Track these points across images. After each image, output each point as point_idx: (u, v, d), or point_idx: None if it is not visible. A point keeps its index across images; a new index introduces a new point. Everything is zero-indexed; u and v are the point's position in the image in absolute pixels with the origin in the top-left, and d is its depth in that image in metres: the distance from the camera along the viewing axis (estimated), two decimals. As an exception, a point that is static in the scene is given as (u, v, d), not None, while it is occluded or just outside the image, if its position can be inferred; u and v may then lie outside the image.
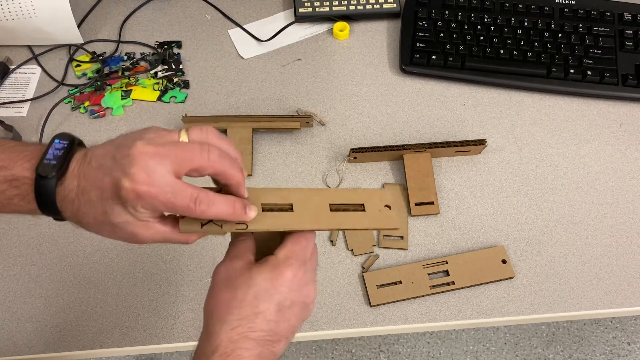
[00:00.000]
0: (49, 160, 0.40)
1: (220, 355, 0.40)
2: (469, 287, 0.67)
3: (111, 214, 0.39)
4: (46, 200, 0.40)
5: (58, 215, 0.42)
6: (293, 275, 0.42)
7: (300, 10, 0.86)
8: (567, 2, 0.85)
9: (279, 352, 0.43)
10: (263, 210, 0.44)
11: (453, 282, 0.66)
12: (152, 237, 0.41)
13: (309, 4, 0.87)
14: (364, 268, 0.68)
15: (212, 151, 0.40)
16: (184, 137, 0.41)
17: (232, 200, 0.41)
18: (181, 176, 0.40)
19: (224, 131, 0.75)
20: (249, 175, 0.74)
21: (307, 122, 0.76)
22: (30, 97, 0.80)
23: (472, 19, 0.84)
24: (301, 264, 0.43)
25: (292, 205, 0.45)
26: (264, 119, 0.75)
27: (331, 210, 0.46)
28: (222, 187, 0.44)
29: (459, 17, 0.84)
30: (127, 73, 0.82)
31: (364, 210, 0.47)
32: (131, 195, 0.38)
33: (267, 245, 0.46)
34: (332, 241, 0.69)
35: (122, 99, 0.80)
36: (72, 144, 0.42)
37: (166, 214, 0.42)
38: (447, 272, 0.67)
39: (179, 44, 0.86)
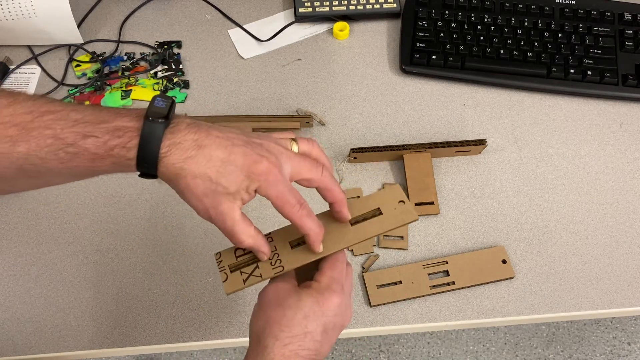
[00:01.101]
0: (158, 107, 0.42)
1: None
2: (469, 287, 0.67)
3: (223, 177, 0.42)
4: (151, 145, 0.41)
5: (153, 167, 0.41)
6: (340, 302, 0.46)
7: (300, 10, 0.86)
8: (567, 2, 0.85)
9: None
10: (292, 247, 0.48)
11: (453, 282, 0.66)
12: (227, 219, 0.43)
13: (309, 4, 0.87)
14: (364, 268, 0.68)
15: (325, 168, 0.47)
16: (294, 147, 0.47)
17: (319, 226, 0.46)
18: (292, 181, 0.45)
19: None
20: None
21: (307, 122, 0.76)
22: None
23: (472, 19, 0.84)
24: (342, 290, 0.47)
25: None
26: (264, 118, 0.75)
27: (352, 224, 0.49)
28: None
29: (459, 17, 0.84)
30: (127, 73, 0.82)
31: (381, 213, 0.49)
32: (263, 171, 0.42)
33: (304, 269, 0.48)
34: (332, 241, 0.69)
35: (122, 99, 0.80)
36: (174, 102, 0.43)
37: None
38: (447, 272, 0.67)
39: (179, 44, 0.86)
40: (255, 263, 0.48)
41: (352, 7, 0.87)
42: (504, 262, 0.68)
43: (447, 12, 0.84)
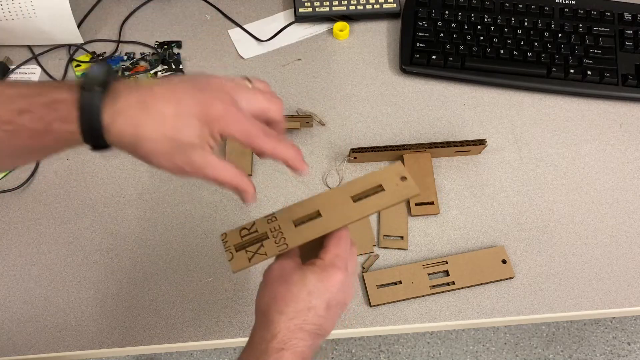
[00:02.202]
0: (94, 74, 0.39)
1: (279, 342, 0.44)
2: (469, 287, 0.67)
3: (182, 132, 0.40)
4: (92, 115, 0.38)
5: (100, 138, 0.39)
6: (343, 278, 0.47)
7: (300, 10, 0.86)
8: (567, 2, 0.85)
9: (319, 345, 0.48)
10: (295, 225, 0.49)
11: (453, 282, 0.66)
12: (205, 169, 0.42)
13: (309, 4, 0.87)
14: (364, 268, 0.68)
15: (277, 99, 0.46)
16: (247, 84, 0.46)
17: (293, 146, 0.45)
18: (251, 114, 0.44)
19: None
20: (249, 175, 0.74)
21: (307, 122, 0.76)
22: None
23: (472, 19, 0.84)
24: (345, 268, 0.47)
25: (318, 211, 0.49)
26: None
27: (354, 201, 0.49)
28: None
29: (459, 17, 0.84)
30: (127, 73, 0.83)
31: (383, 189, 0.49)
32: (220, 112, 0.41)
33: (308, 248, 0.50)
34: (332, 241, 0.69)
35: (122, 99, 0.80)
36: (111, 68, 0.41)
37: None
38: (447, 272, 0.67)
39: (179, 44, 0.86)
40: (260, 242, 0.48)
41: (352, 7, 0.87)
42: (504, 262, 0.68)
43: (447, 12, 0.84)
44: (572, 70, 0.80)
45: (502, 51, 0.81)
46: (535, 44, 0.82)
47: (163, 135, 0.40)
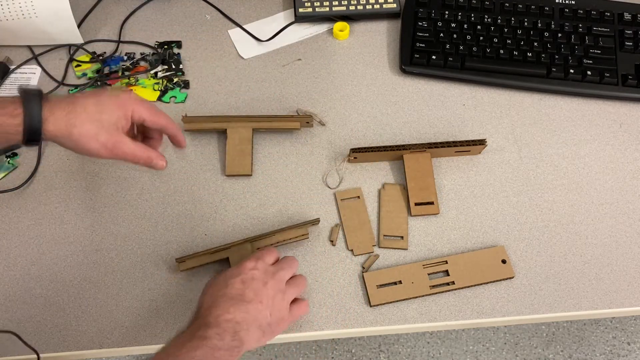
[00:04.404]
0: (30, 88, 0.53)
1: (205, 310, 0.56)
2: (469, 287, 0.67)
3: (103, 114, 0.54)
4: (33, 111, 0.51)
5: (39, 130, 0.52)
6: (251, 265, 0.60)
7: (300, 10, 0.86)
8: (567, 2, 0.85)
9: (255, 312, 0.57)
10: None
11: (453, 282, 0.66)
12: (123, 146, 0.56)
13: (309, 4, 0.87)
14: (364, 268, 0.68)
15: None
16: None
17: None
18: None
19: (224, 131, 0.75)
20: (249, 175, 0.74)
21: (307, 122, 0.76)
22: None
23: (472, 19, 0.84)
24: (259, 262, 0.60)
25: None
26: (264, 119, 0.76)
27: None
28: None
29: (459, 17, 0.84)
30: (127, 73, 0.83)
31: None
32: (130, 99, 0.56)
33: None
34: (332, 241, 0.69)
35: (122, 99, 0.80)
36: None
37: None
38: (447, 272, 0.67)
39: (179, 44, 0.86)
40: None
41: (352, 7, 0.87)
42: (503, 262, 0.68)
43: (447, 12, 0.84)
44: (572, 70, 0.80)
45: (502, 51, 0.81)
46: (535, 44, 0.82)
47: (89, 119, 0.53)
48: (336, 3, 0.87)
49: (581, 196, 0.73)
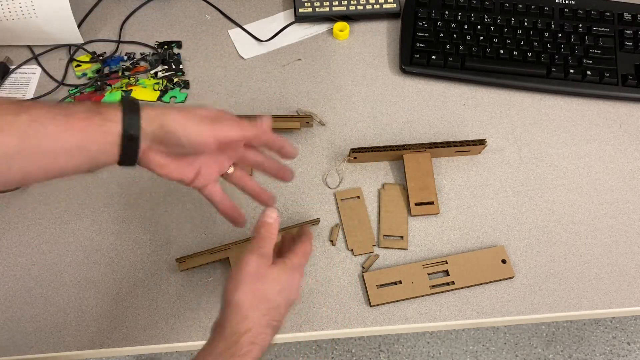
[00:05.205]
0: (127, 101, 0.48)
1: (251, 336, 0.49)
2: (469, 287, 0.67)
3: (195, 117, 0.49)
4: (132, 123, 0.47)
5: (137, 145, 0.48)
6: (300, 280, 0.54)
7: (300, 10, 0.86)
8: (567, 2, 0.85)
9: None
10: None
11: (453, 282, 0.66)
12: (232, 126, 0.51)
13: (309, 4, 0.87)
14: (364, 268, 0.68)
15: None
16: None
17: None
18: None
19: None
20: (250, 174, 0.74)
21: (307, 122, 0.76)
22: (31, 97, 0.80)
23: (472, 19, 0.84)
24: (302, 273, 0.55)
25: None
26: None
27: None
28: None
29: (459, 17, 0.84)
30: (127, 73, 0.83)
31: None
32: (216, 114, 0.51)
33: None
34: (332, 241, 0.69)
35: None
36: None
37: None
38: (447, 272, 0.67)
39: (179, 44, 0.86)
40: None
41: (352, 7, 0.87)
42: (503, 262, 0.68)
43: (447, 12, 0.84)
44: (571, 70, 0.80)
45: (502, 51, 0.81)
46: (535, 44, 0.82)
47: (181, 118, 0.48)
48: (336, 3, 0.87)
49: (581, 196, 0.73)
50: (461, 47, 0.81)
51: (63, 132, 0.45)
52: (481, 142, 0.73)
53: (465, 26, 0.83)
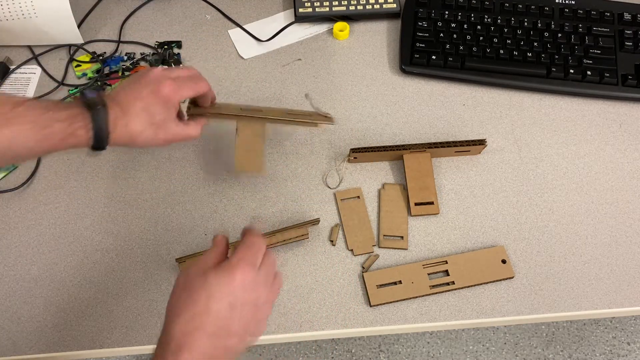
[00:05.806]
0: (92, 97, 0.55)
1: (176, 345, 0.44)
2: (469, 287, 0.67)
3: (155, 115, 0.57)
4: (101, 125, 0.54)
5: (105, 141, 0.55)
6: (243, 278, 0.47)
7: (300, 10, 0.86)
8: (567, 2, 0.85)
9: (234, 347, 0.47)
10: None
11: (453, 282, 0.66)
12: (180, 132, 0.60)
13: (309, 4, 0.87)
14: (364, 268, 0.68)
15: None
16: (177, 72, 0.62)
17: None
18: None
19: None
20: (262, 173, 0.74)
21: (327, 118, 0.71)
22: (31, 97, 0.80)
23: (472, 19, 0.84)
24: (252, 268, 0.48)
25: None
26: (288, 114, 0.69)
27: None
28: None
29: (459, 17, 0.84)
30: (127, 73, 0.83)
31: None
32: (168, 89, 0.57)
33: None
34: (332, 241, 0.69)
35: (122, 99, 0.80)
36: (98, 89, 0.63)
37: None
38: (447, 272, 0.67)
39: (179, 44, 0.86)
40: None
41: (352, 7, 0.87)
42: (503, 262, 0.68)
43: (447, 12, 0.84)
44: (571, 71, 0.80)
45: (502, 51, 0.81)
46: (535, 44, 0.82)
47: (145, 124, 0.57)
48: (336, 3, 0.87)
49: (581, 196, 0.73)
50: (461, 47, 0.81)
51: (39, 142, 0.52)
52: (481, 142, 0.73)
53: (465, 26, 0.83)
